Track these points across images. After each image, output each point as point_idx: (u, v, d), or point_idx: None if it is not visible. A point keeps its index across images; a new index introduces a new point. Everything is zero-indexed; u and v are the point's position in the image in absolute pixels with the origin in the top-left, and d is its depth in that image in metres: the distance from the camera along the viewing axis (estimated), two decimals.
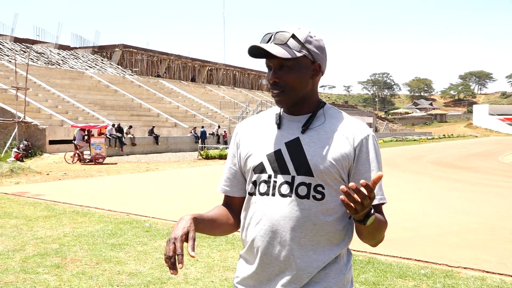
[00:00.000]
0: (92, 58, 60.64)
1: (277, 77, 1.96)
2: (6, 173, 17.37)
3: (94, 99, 40.92)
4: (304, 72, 1.97)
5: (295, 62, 1.94)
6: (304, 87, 1.99)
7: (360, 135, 1.98)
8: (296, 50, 1.93)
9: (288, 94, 1.97)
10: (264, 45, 1.92)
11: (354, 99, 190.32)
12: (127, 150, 32.07)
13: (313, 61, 1.98)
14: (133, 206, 11.22)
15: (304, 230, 1.93)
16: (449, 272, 6.20)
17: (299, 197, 1.94)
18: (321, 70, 2.03)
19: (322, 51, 2.02)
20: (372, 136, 2.01)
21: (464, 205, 11.77)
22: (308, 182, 1.94)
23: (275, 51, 1.90)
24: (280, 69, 1.95)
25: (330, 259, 1.95)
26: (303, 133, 1.99)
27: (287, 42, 1.92)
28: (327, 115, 2.04)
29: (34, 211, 10.43)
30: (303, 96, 2.01)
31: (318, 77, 2.04)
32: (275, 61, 1.94)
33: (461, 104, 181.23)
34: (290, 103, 2.00)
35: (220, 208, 2.16)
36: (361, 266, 6.39)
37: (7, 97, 33.09)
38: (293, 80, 1.95)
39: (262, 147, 2.04)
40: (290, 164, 1.97)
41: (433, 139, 75.08)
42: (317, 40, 1.99)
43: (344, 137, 1.97)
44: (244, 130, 2.16)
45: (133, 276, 5.95)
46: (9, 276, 5.95)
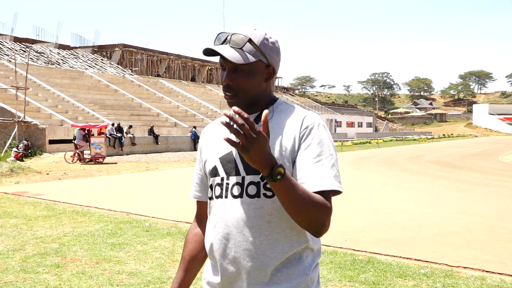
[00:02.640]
0: (92, 58, 60.63)
1: (230, 80, 1.93)
2: (6, 173, 17.37)
3: (94, 99, 40.91)
4: (258, 76, 1.95)
5: (250, 67, 1.92)
6: (257, 90, 1.97)
7: (305, 124, 1.93)
8: (252, 54, 1.90)
9: (240, 97, 1.95)
10: (219, 48, 1.89)
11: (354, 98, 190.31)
12: (127, 149, 32.07)
13: (267, 65, 1.96)
14: (133, 205, 11.22)
15: (259, 230, 1.91)
16: (449, 271, 6.20)
17: (250, 196, 1.91)
18: (275, 73, 2.01)
19: (277, 54, 1.99)
20: (318, 124, 1.94)
21: (464, 205, 11.77)
22: (257, 180, 1.91)
23: (230, 55, 1.87)
24: (234, 72, 1.93)
25: (289, 254, 1.92)
26: None
27: (243, 46, 1.90)
28: (276, 111, 2.01)
29: (34, 211, 10.43)
30: (255, 98, 1.98)
31: (272, 80, 2.02)
32: (230, 63, 1.91)
33: (461, 104, 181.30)
34: (242, 105, 1.96)
35: (192, 241, 2.22)
36: (361, 266, 6.39)
37: (7, 96, 33.09)
38: (246, 84, 1.93)
39: (216, 150, 2.04)
40: (240, 164, 1.95)
41: (433, 139, 75.09)
42: (272, 42, 1.97)
43: (290, 130, 1.94)
44: (205, 135, 2.17)
45: (133, 276, 5.96)
46: (9, 275, 5.95)
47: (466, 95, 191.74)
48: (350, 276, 5.96)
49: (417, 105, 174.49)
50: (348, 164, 25.36)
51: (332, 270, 6.18)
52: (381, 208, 11.16)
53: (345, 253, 7.05)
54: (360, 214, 10.34)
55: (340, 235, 8.19)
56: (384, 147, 47.03)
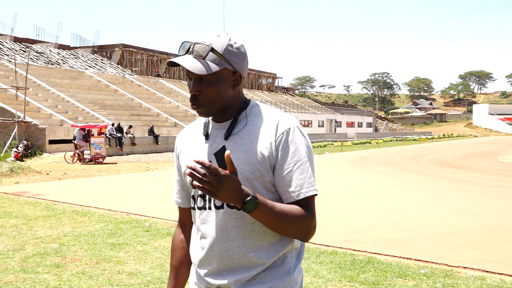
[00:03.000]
0: (92, 58, 60.66)
1: (197, 90, 1.90)
2: (6, 173, 17.37)
3: (94, 99, 40.92)
4: (224, 85, 1.92)
5: (215, 76, 1.88)
6: (224, 98, 1.94)
7: (280, 130, 1.91)
8: (215, 63, 1.87)
9: (207, 107, 1.93)
10: (181, 60, 1.87)
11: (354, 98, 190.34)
12: (127, 149, 32.07)
13: (234, 71, 1.93)
14: (133, 205, 11.22)
15: (243, 239, 1.91)
16: (449, 271, 6.19)
17: (230, 207, 1.90)
18: (242, 78, 1.98)
19: (243, 59, 1.95)
20: (294, 128, 1.92)
21: (464, 204, 11.76)
22: None
23: (192, 66, 1.85)
24: (200, 82, 1.90)
25: (274, 257, 1.93)
26: (227, 140, 1.96)
27: (206, 56, 1.87)
28: (249, 116, 1.98)
29: (34, 211, 10.43)
30: (224, 105, 1.96)
31: (240, 85, 1.99)
32: (195, 74, 1.88)
33: (461, 104, 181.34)
34: (210, 114, 1.96)
35: (179, 248, 2.22)
36: (361, 266, 6.39)
37: (7, 96, 33.10)
38: (212, 93, 1.90)
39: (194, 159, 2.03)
40: None
41: (433, 139, 75.08)
42: (237, 48, 1.93)
43: (266, 136, 1.91)
44: (181, 142, 2.17)
45: (133, 276, 5.95)
46: (9, 275, 5.95)
47: (466, 95, 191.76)
48: (350, 276, 5.95)
49: (417, 105, 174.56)
50: (348, 164, 25.37)
51: (332, 270, 6.18)
52: (381, 208, 11.16)
53: (345, 253, 7.05)
54: (360, 214, 10.34)
55: (340, 235, 8.19)
56: (384, 147, 47.04)
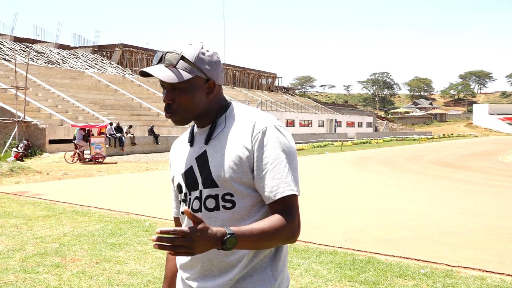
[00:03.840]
0: (92, 58, 60.66)
1: (170, 99, 1.91)
2: (6, 173, 17.37)
3: (94, 99, 40.92)
4: (197, 92, 1.92)
5: (187, 84, 1.89)
6: (198, 106, 1.94)
7: (257, 128, 1.89)
8: (187, 71, 1.87)
9: (180, 115, 1.93)
10: (152, 70, 1.87)
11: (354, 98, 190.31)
12: (127, 149, 32.07)
13: (207, 79, 1.93)
14: (133, 205, 11.22)
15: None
16: (449, 271, 6.20)
17: (208, 210, 1.92)
18: (217, 84, 1.98)
19: (216, 66, 1.95)
20: (270, 127, 1.90)
21: (464, 204, 11.77)
22: (215, 193, 1.91)
23: (163, 75, 1.86)
24: (173, 91, 1.91)
25: (254, 263, 1.91)
26: (207, 144, 1.96)
27: (177, 64, 1.87)
28: (228, 119, 1.98)
29: (34, 211, 10.44)
30: (199, 113, 1.96)
31: (215, 92, 1.98)
32: (168, 83, 1.89)
33: (461, 104, 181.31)
34: (185, 122, 1.96)
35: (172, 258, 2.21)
36: (361, 266, 6.39)
37: (7, 96, 33.10)
38: (186, 101, 1.91)
39: (179, 166, 2.05)
40: (199, 178, 1.95)
41: (433, 139, 75.06)
42: (209, 55, 1.93)
43: (243, 138, 1.90)
44: (173, 151, 2.18)
45: (133, 276, 5.96)
46: (9, 275, 5.95)
47: (466, 95, 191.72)
48: (350, 276, 5.96)
49: (417, 105, 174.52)
50: (348, 164, 25.37)
51: (332, 270, 6.19)
52: (381, 208, 11.16)
53: (345, 253, 7.06)
54: (360, 214, 10.34)
55: (340, 235, 8.20)
56: (384, 147, 47.03)
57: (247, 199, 1.89)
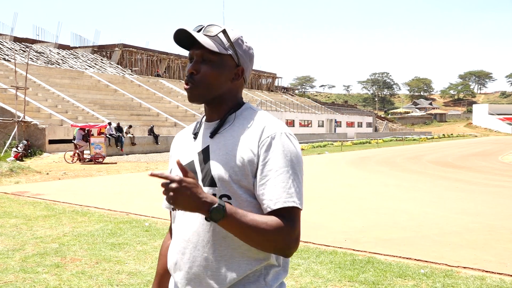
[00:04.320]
0: (92, 58, 60.64)
1: (195, 69, 1.85)
2: (5, 173, 17.36)
3: (93, 99, 40.92)
4: (225, 72, 1.86)
5: (219, 59, 1.84)
6: (221, 87, 1.87)
7: (266, 134, 1.80)
8: (224, 46, 1.83)
9: (201, 89, 1.86)
10: (192, 32, 1.82)
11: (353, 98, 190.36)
12: (127, 149, 32.06)
13: (237, 64, 1.88)
14: (132, 205, 11.22)
15: (213, 245, 1.80)
16: (449, 271, 6.20)
17: None
18: (244, 76, 1.92)
19: (249, 59, 1.92)
20: (280, 134, 1.80)
21: (463, 205, 11.77)
22: (213, 193, 1.80)
23: (202, 39, 1.80)
24: (202, 62, 1.84)
25: (245, 273, 1.79)
26: (212, 138, 1.88)
27: (217, 35, 1.83)
28: (238, 118, 1.90)
29: (34, 211, 10.43)
30: (217, 96, 1.89)
31: (239, 82, 1.92)
32: (199, 52, 1.83)
33: (461, 104, 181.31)
34: (201, 99, 1.88)
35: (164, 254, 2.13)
36: (361, 266, 6.39)
37: (7, 96, 33.09)
38: (211, 76, 1.84)
39: (180, 158, 1.96)
40: (200, 175, 1.86)
41: (433, 139, 75.06)
42: (247, 46, 1.91)
43: (249, 140, 1.81)
44: (175, 142, 2.10)
45: (133, 276, 5.95)
46: (9, 275, 5.95)
47: (466, 95, 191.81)
48: (350, 276, 5.96)
49: (417, 105, 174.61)
50: (348, 164, 25.37)
51: (332, 270, 6.19)
52: (381, 208, 11.16)
53: (345, 253, 7.05)
54: (360, 214, 10.34)
55: (340, 235, 8.20)
56: (384, 147, 47.04)
57: (244, 204, 1.79)
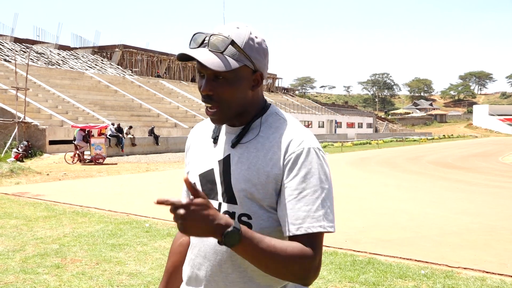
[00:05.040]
0: (92, 59, 60.67)
1: (211, 90, 1.64)
2: (6, 174, 17.36)
3: (94, 100, 40.94)
4: (243, 85, 1.67)
5: (233, 74, 1.63)
6: (242, 100, 1.69)
7: (293, 148, 1.64)
8: (235, 59, 1.62)
9: (223, 110, 1.67)
10: (196, 53, 1.61)
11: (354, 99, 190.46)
12: (127, 150, 32.07)
13: (254, 70, 1.68)
14: (133, 206, 11.22)
15: (232, 266, 1.67)
16: (449, 272, 6.20)
17: None
18: (263, 78, 1.74)
19: (264, 56, 1.71)
20: (308, 150, 1.64)
21: (464, 205, 11.77)
22: (232, 211, 1.67)
23: (209, 61, 1.59)
24: (215, 80, 1.64)
25: None
26: (233, 148, 1.72)
27: (225, 50, 1.61)
28: (264, 125, 1.72)
29: (34, 212, 10.43)
30: (241, 110, 1.71)
31: (260, 87, 1.74)
32: (210, 70, 1.62)
33: (461, 105, 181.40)
34: (226, 120, 1.70)
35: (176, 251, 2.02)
36: (361, 267, 6.39)
37: (7, 97, 33.11)
38: (229, 94, 1.65)
39: (198, 164, 1.81)
40: (220, 187, 1.72)
41: (433, 140, 75.06)
42: (258, 42, 1.68)
43: (275, 153, 1.65)
44: (192, 137, 1.93)
45: (133, 277, 5.96)
46: (9, 276, 5.95)
47: (466, 95, 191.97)
48: (350, 277, 5.96)
49: (417, 106, 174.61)
50: (348, 165, 25.37)
51: (332, 271, 6.18)
52: (381, 208, 11.16)
53: (345, 254, 7.05)
54: (360, 215, 10.34)
55: (340, 236, 8.19)
56: (384, 148, 47.05)
57: (265, 224, 1.65)
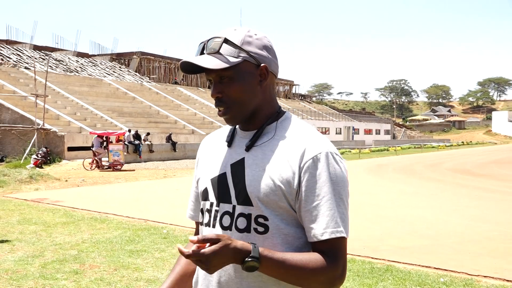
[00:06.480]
0: (110, 65, 61.11)
1: (219, 92, 1.68)
2: (25, 180, 17.53)
3: (112, 106, 41.20)
4: (248, 80, 1.68)
5: (235, 71, 1.65)
6: (253, 97, 1.70)
7: (309, 153, 1.63)
8: (233, 56, 1.65)
9: (235, 109, 1.69)
10: (195, 59, 1.66)
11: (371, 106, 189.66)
12: (145, 157, 32.21)
13: (257, 64, 1.69)
14: (150, 212, 11.26)
15: (247, 276, 1.64)
16: (469, 280, 6.13)
17: (239, 230, 1.66)
18: (271, 72, 1.73)
19: (267, 50, 1.72)
20: (326, 154, 1.63)
21: (483, 213, 11.65)
22: (248, 212, 1.65)
23: (206, 63, 1.63)
24: (221, 82, 1.68)
25: None
26: (247, 151, 1.72)
27: (220, 49, 1.65)
28: (279, 128, 1.72)
29: (53, 217, 10.51)
30: (254, 108, 1.72)
31: (269, 82, 1.74)
32: (213, 74, 1.67)
33: (480, 111, 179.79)
34: (240, 119, 1.72)
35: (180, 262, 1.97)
36: (380, 274, 6.35)
37: (27, 104, 33.43)
38: (237, 92, 1.67)
39: (209, 169, 1.80)
40: (232, 190, 1.70)
41: (452, 146, 74.50)
42: (258, 38, 1.70)
43: (291, 156, 1.65)
44: (204, 147, 1.93)
45: (151, 283, 5.97)
46: (29, 281, 5.99)
47: (485, 102, 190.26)
48: (369, 285, 5.92)
49: (435, 112, 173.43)
50: (366, 172, 25.26)
51: (350, 278, 6.15)
52: (399, 215, 11.09)
53: (363, 261, 7.02)
54: (378, 222, 10.29)
55: (358, 243, 8.15)
56: (402, 155, 46.78)
57: (281, 225, 1.65)
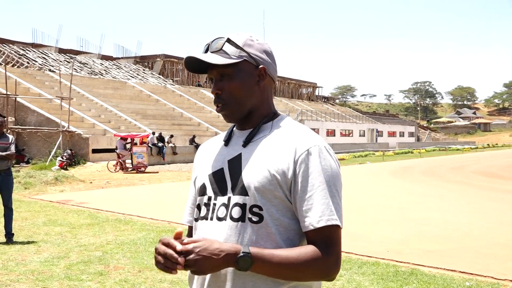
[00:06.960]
0: (134, 68, 61.59)
1: (218, 88, 1.78)
2: (51, 181, 17.73)
3: (136, 109, 41.48)
4: (247, 79, 1.78)
5: (235, 69, 1.77)
6: (250, 96, 1.80)
7: (303, 146, 1.71)
8: (234, 55, 1.77)
9: (233, 106, 1.79)
10: (199, 55, 1.77)
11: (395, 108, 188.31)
12: (168, 159, 32.33)
13: (256, 65, 1.80)
14: (174, 214, 11.30)
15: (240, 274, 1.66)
16: (495, 284, 6.05)
17: (233, 220, 1.69)
18: (269, 74, 1.83)
19: (267, 54, 1.83)
20: (318, 148, 1.71)
21: (509, 216, 11.50)
22: (243, 202, 1.69)
23: (210, 58, 1.74)
24: (221, 79, 1.78)
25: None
26: (244, 147, 1.79)
27: (223, 47, 1.77)
28: (274, 126, 1.82)
29: (78, 219, 10.61)
30: (251, 107, 1.81)
31: (266, 83, 1.84)
32: (214, 71, 1.78)
33: (506, 113, 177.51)
34: (238, 115, 1.81)
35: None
36: (404, 278, 6.30)
37: (52, 106, 33.81)
38: (235, 89, 1.77)
39: (207, 167, 1.86)
40: (229, 183, 1.76)
41: (477, 149, 73.63)
42: (259, 43, 1.82)
43: (285, 149, 1.72)
44: (200, 152, 2.00)
45: (175, 285, 5.99)
46: (54, 282, 6.06)
47: (511, 104, 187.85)
48: None
49: (460, 115, 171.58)
50: (390, 174, 25.09)
51: (374, 282, 6.11)
52: (423, 218, 10.99)
53: (387, 264, 6.97)
54: (403, 225, 10.20)
55: (382, 246, 8.10)
56: (426, 157, 46.37)
57: (275, 216, 1.69)
